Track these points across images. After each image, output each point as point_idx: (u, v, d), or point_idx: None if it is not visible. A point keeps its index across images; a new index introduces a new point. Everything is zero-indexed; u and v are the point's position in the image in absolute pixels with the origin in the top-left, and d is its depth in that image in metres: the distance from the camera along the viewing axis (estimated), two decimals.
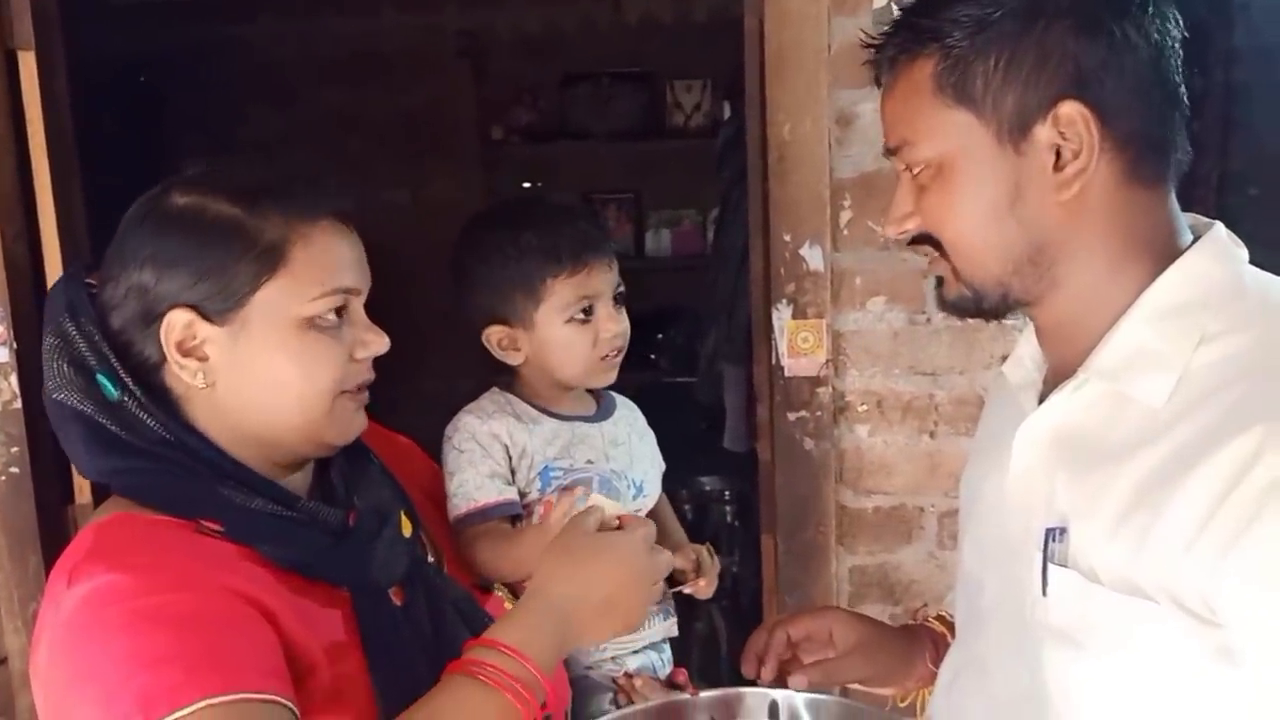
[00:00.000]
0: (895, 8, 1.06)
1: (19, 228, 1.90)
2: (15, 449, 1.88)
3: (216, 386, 1.05)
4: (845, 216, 1.86)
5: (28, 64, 1.91)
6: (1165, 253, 0.95)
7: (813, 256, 1.86)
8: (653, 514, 1.51)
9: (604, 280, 1.41)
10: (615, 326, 1.41)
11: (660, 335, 4.17)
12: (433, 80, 4.26)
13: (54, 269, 1.90)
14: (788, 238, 1.87)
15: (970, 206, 0.95)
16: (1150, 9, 0.92)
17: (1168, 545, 0.86)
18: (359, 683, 1.03)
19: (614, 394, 1.53)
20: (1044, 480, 0.98)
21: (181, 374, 1.04)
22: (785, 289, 1.88)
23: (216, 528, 1.03)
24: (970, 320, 1.82)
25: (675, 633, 1.48)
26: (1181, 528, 0.85)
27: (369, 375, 1.11)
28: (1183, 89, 0.95)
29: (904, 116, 0.97)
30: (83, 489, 1.89)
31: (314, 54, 4.18)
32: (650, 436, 1.54)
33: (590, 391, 1.49)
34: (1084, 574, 0.92)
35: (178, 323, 1.03)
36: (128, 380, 1.03)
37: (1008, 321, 1.87)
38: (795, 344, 1.88)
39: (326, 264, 1.06)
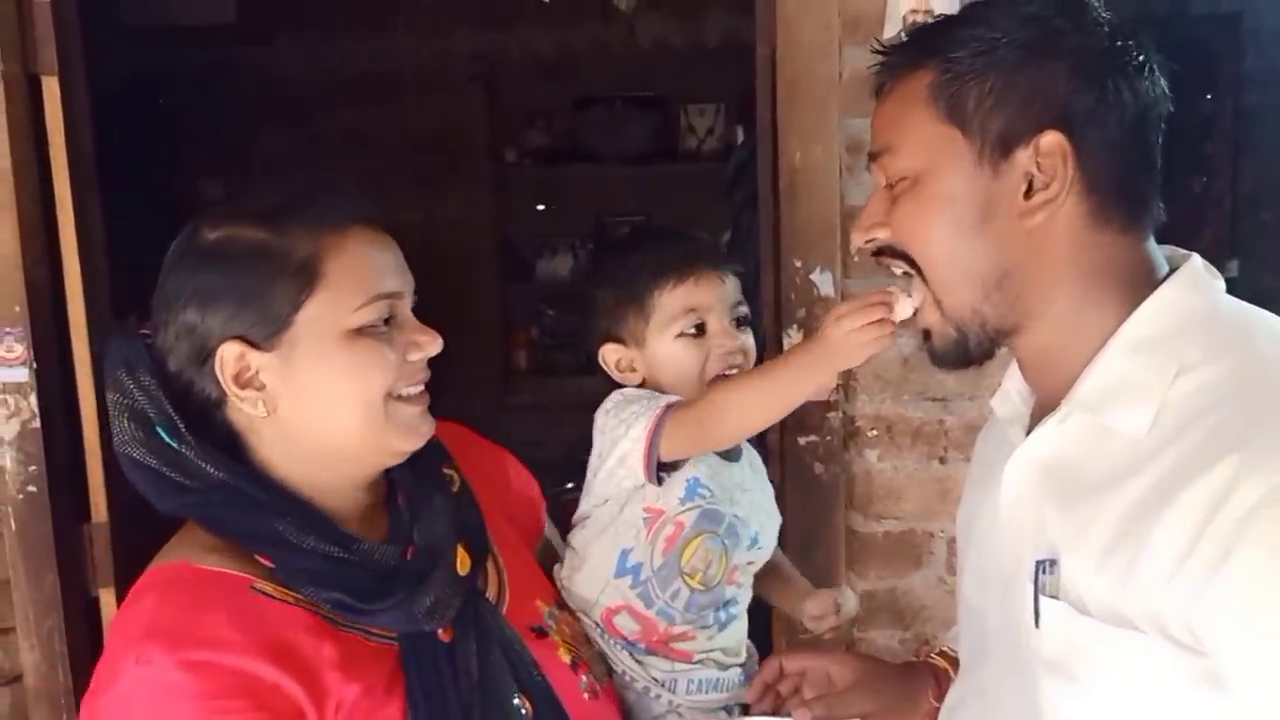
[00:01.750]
0: (905, 36, 1.08)
1: (40, 251, 1.92)
2: (33, 468, 1.89)
3: (279, 412, 1.07)
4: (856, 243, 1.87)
5: (51, 89, 1.94)
6: (1142, 288, 0.97)
7: (823, 282, 1.88)
8: (769, 568, 1.49)
9: (714, 293, 1.39)
10: (729, 343, 1.37)
11: None
12: (445, 102, 4.29)
13: (74, 292, 1.92)
14: (799, 263, 1.89)
15: (939, 220, 0.98)
16: (1146, 73, 0.96)
17: (1151, 576, 0.87)
18: None
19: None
20: (1034, 512, 0.99)
21: (243, 405, 1.06)
22: (796, 314, 1.90)
23: (268, 564, 1.06)
24: None
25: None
26: (1163, 559, 0.86)
27: (423, 375, 1.12)
28: (1158, 154, 0.99)
29: (893, 123, 1.01)
30: (99, 508, 1.90)
31: (328, 76, 4.22)
32: (770, 489, 1.51)
33: None
34: (1074, 605, 0.94)
35: (229, 356, 1.05)
36: (182, 429, 1.05)
37: None
38: None
39: (363, 271, 1.07)
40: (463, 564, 1.14)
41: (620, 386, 1.42)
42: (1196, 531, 0.84)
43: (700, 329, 1.38)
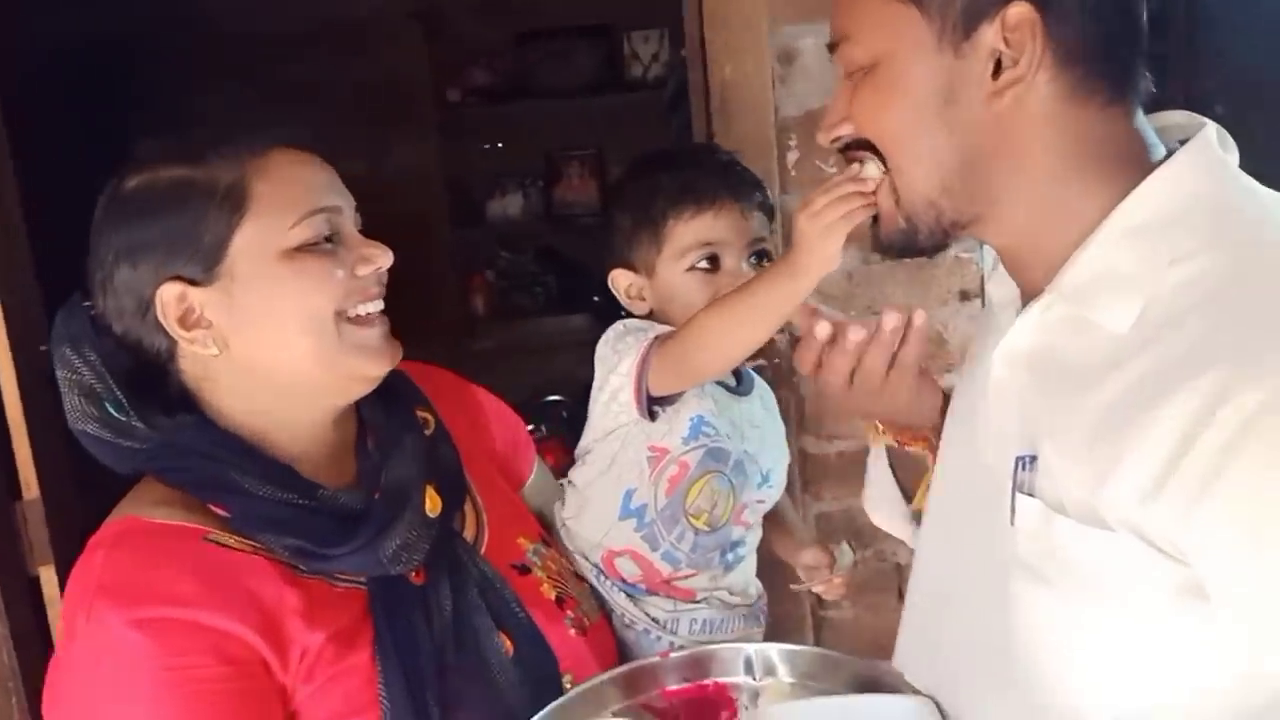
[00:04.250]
0: None
1: None
2: None
3: (230, 348, 1.05)
4: (792, 157, 1.81)
5: None
6: (1135, 168, 0.90)
7: None
8: (770, 511, 1.44)
9: (733, 227, 1.31)
10: (742, 281, 1.25)
11: None
12: (384, 46, 4.15)
13: None
14: None
15: (900, 106, 0.92)
16: None
17: (1132, 487, 0.82)
18: (368, 671, 1.03)
19: (753, 371, 1.44)
20: (1017, 405, 0.94)
21: (193, 347, 1.04)
22: None
23: (223, 513, 1.05)
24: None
25: (759, 639, 1.39)
26: (1146, 470, 0.80)
27: (378, 292, 1.09)
28: (1142, 19, 0.92)
29: (849, 8, 0.95)
30: (29, 485, 1.84)
31: (265, 28, 4.08)
32: (781, 427, 1.45)
33: None
34: (1050, 504, 0.88)
35: (170, 298, 1.03)
36: (126, 403, 1.05)
37: (964, 255, 1.84)
38: None
39: (293, 189, 1.05)
40: (433, 505, 1.12)
41: (628, 315, 1.36)
42: (1184, 445, 0.78)
43: (714, 263, 1.31)
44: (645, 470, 1.31)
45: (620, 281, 1.37)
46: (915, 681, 1.08)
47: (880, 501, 1.27)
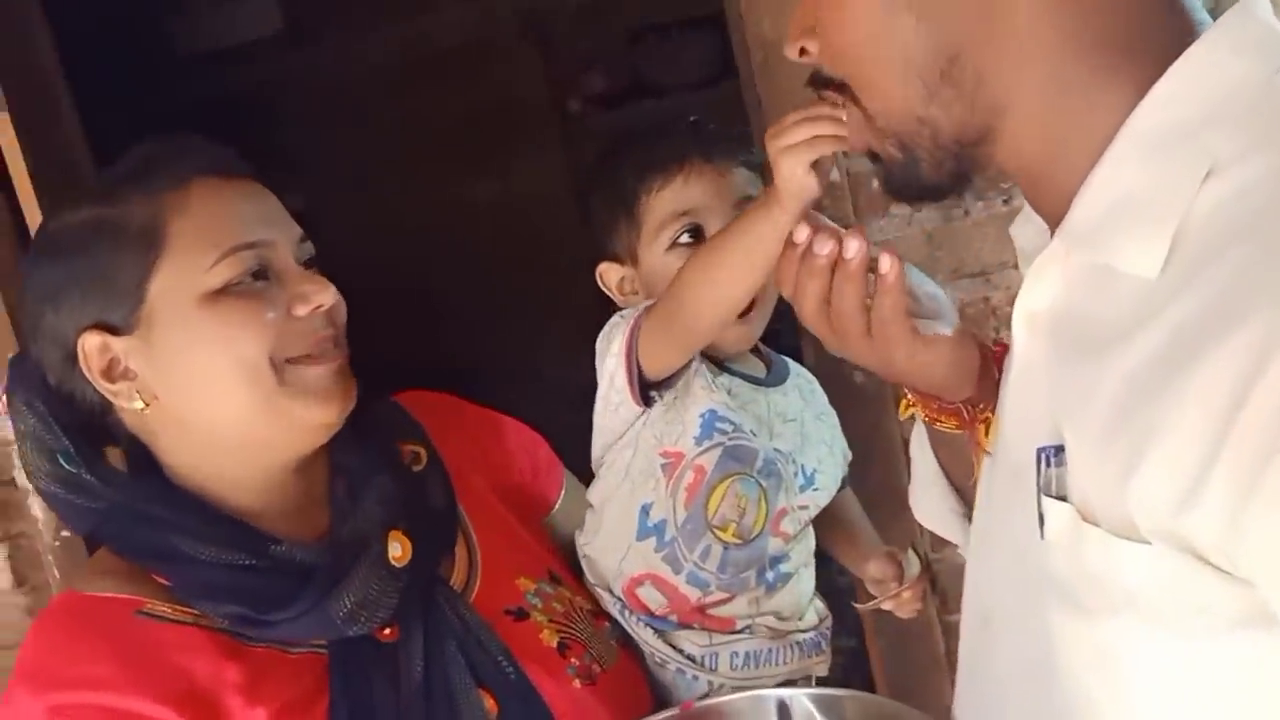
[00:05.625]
0: None
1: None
2: None
3: (161, 400, 0.97)
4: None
5: (4, 128, 1.87)
6: (1171, 54, 0.69)
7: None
8: (830, 512, 1.27)
9: (711, 190, 1.17)
10: None
11: None
12: (498, 66, 4.13)
13: None
14: None
15: None
16: None
17: (1166, 483, 0.62)
18: None
19: (789, 359, 1.29)
20: (1045, 382, 0.75)
21: (118, 400, 0.97)
22: None
23: (165, 582, 0.98)
24: (1016, 203, 1.57)
25: (822, 672, 1.23)
26: (1182, 460, 0.61)
27: (326, 334, 0.99)
28: None
29: None
30: None
31: (375, 65, 4.12)
32: (831, 417, 1.29)
33: (755, 352, 1.24)
34: (1079, 508, 0.69)
35: (91, 348, 0.96)
36: (73, 452, 0.99)
37: None
38: None
39: (213, 225, 0.96)
40: (401, 553, 1.01)
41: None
42: (1224, 422, 0.59)
43: (697, 235, 1.17)
44: (660, 480, 1.16)
45: (609, 277, 1.24)
46: None
47: (922, 493, 1.08)
